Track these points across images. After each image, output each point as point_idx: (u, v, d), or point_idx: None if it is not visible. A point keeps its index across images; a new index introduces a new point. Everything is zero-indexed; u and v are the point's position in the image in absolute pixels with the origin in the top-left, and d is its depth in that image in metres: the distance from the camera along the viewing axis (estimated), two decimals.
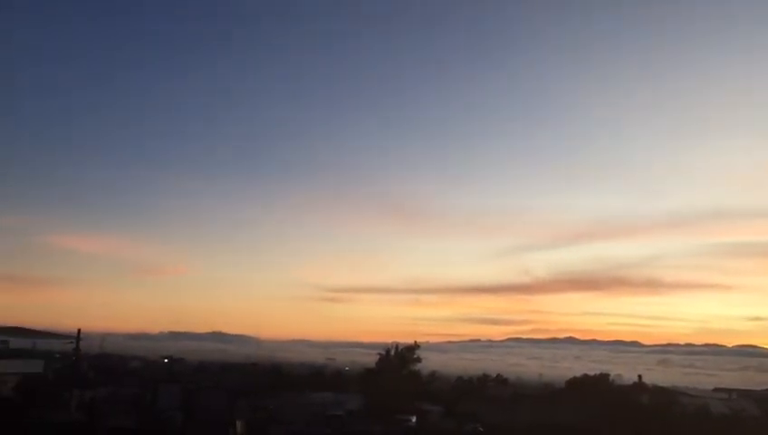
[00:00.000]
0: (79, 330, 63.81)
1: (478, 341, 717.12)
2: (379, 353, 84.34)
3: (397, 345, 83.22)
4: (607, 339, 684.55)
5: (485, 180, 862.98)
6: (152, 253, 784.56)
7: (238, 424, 52.32)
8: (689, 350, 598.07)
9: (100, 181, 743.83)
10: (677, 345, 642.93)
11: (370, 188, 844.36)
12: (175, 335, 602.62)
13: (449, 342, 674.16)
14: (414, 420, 63.36)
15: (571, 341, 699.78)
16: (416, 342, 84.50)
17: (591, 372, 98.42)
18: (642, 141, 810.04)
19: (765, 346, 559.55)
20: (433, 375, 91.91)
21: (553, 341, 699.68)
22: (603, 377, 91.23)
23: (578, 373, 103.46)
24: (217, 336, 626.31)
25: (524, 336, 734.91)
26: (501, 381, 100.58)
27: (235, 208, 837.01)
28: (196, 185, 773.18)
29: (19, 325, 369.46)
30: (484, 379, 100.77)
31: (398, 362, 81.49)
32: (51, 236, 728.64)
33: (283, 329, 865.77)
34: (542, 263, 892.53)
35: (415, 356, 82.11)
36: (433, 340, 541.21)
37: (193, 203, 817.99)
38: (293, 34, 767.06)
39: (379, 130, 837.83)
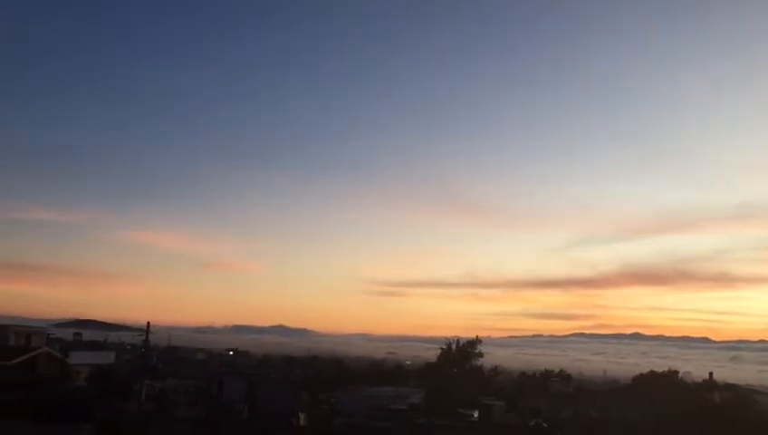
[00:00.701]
0: (148, 323, 65.47)
1: (541, 336, 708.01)
2: (440, 348, 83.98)
3: (458, 340, 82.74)
4: (674, 335, 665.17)
5: (548, 172, 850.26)
6: (218, 248, 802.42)
7: (301, 416, 52.93)
8: (763, 346, 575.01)
9: (169, 178, 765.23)
10: (750, 342, 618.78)
11: (430, 181, 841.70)
12: (238, 329, 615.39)
13: (511, 337, 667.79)
14: (476, 414, 62.87)
15: (637, 336, 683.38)
16: (477, 336, 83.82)
17: (659, 369, 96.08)
18: (711, 133, 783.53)
19: None
20: (495, 370, 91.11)
21: (619, 336, 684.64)
22: (671, 374, 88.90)
23: (644, 370, 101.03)
24: (279, 330, 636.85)
25: (588, 332, 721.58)
26: (564, 376, 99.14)
27: (297, 204, 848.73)
28: (261, 182, 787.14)
29: (92, 318, 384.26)
30: (547, 374, 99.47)
31: (459, 357, 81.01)
32: (122, 231, 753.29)
33: (343, 323, 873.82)
34: (607, 256, 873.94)
35: (476, 351, 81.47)
36: (494, 335, 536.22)
37: (258, 199, 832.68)
38: (355, 34, 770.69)
39: (438, 124, 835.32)
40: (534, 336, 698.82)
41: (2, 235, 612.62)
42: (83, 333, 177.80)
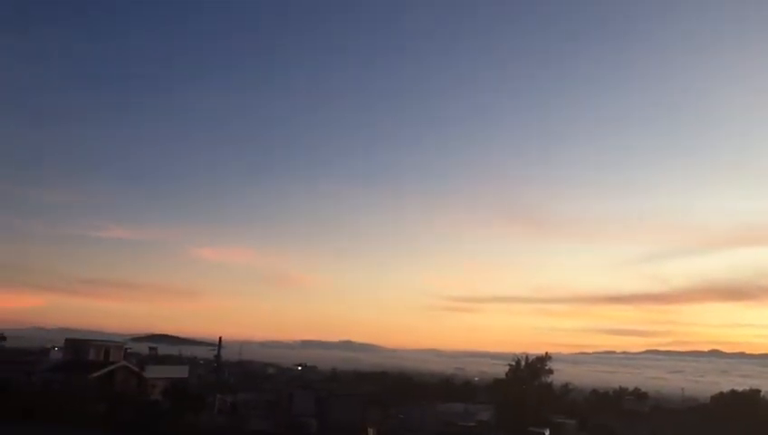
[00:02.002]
0: (220, 338, 67.15)
1: (613, 353, 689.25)
2: (509, 364, 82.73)
3: (527, 356, 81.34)
4: (756, 352, 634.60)
5: (620, 184, 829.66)
6: (287, 264, 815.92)
7: (370, 431, 52.99)
8: None
9: (239, 195, 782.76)
10: None
11: (500, 195, 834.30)
12: (307, 344, 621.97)
13: (582, 353, 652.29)
14: (547, 433, 61.62)
15: (715, 354, 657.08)
16: (547, 353, 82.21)
17: (740, 388, 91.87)
18: None
19: None
20: (566, 387, 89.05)
21: (696, 354, 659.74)
22: (753, 393, 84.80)
23: (725, 389, 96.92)
24: (347, 345, 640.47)
25: (663, 348, 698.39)
26: (639, 394, 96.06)
27: (365, 219, 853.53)
28: (330, 197, 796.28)
29: (166, 333, 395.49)
30: (620, 392, 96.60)
31: (528, 374, 79.58)
32: (194, 248, 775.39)
33: (410, 338, 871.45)
34: (682, 270, 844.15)
35: (546, 367, 79.88)
36: (565, 351, 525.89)
37: (326, 215, 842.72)
38: (417, 48, 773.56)
39: (507, 138, 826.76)
40: (606, 353, 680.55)
41: (84, 253, 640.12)
42: (158, 348, 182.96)
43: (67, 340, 75.20)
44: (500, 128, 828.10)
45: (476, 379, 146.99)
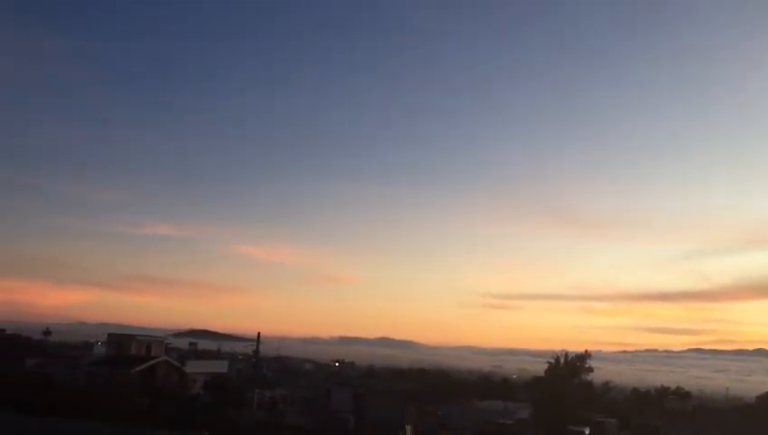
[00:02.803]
0: (259, 334, 67.72)
1: (655, 351, 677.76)
2: (548, 362, 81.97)
3: (566, 354, 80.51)
4: None
5: (662, 181, 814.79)
6: (325, 261, 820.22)
7: (408, 428, 52.83)
8: None
9: (277, 193, 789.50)
10: None
11: (538, 192, 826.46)
12: (345, 340, 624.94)
13: (623, 351, 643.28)
14: (587, 432, 60.79)
15: (761, 353, 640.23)
16: (587, 350, 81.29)
17: None
18: None
19: None
20: (606, 386, 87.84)
21: (741, 353, 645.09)
22: None
23: None
24: (385, 342, 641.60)
25: (707, 347, 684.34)
26: (682, 394, 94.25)
27: (403, 217, 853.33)
28: (367, 195, 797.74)
29: (206, 329, 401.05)
30: (663, 391, 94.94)
31: (568, 371, 78.74)
32: (234, 245, 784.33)
33: (448, 335, 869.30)
34: (726, 268, 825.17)
35: (586, 365, 78.96)
36: (605, 349, 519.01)
37: (364, 212, 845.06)
38: (457, 49, 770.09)
39: (546, 133, 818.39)
40: (648, 351, 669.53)
41: (126, 250, 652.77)
42: (198, 343, 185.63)
43: (110, 335, 76.69)
44: (539, 125, 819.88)
45: (515, 376, 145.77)
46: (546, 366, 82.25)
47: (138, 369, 57.89)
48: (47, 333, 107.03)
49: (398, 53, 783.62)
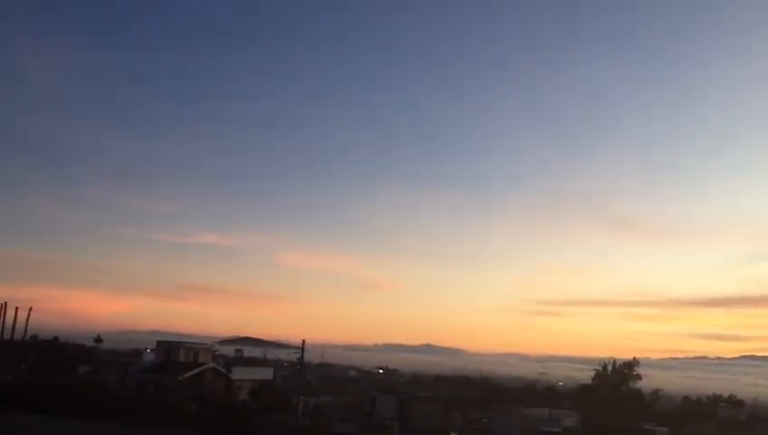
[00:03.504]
0: (303, 341, 68.28)
1: (706, 358, 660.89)
2: (595, 369, 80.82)
3: (614, 361, 79.25)
4: None
5: (713, 182, 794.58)
6: (368, 268, 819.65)
7: None
8: None
9: (319, 201, 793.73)
10: None
11: (582, 195, 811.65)
12: (388, 347, 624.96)
13: (673, 358, 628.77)
14: None
15: None
16: (635, 357, 79.88)
17: None
18: None
19: None
20: (656, 394, 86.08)
21: None
22: None
23: None
24: (428, 349, 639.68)
25: (761, 354, 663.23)
26: (735, 402, 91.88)
27: (445, 222, 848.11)
28: (408, 200, 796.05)
29: (251, 336, 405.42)
30: (714, 399, 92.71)
31: (616, 379, 77.48)
32: (279, 253, 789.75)
33: (492, 342, 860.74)
34: None
35: (634, 373, 77.59)
36: (654, 356, 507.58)
37: (405, 218, 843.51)
38: (497, 51, 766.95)
39: (590, 134, 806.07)
40: (698, 358, 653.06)
41: (174, 258, 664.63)
42: (244, 350, 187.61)
43: (159, 342, 78.27)
44: (583, 126, 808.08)
45: (561, 383, 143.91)
46: (593, 373, 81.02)
47: (186, 375, 58.98)
48: (99, 340, 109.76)
49: (429, 55, 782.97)
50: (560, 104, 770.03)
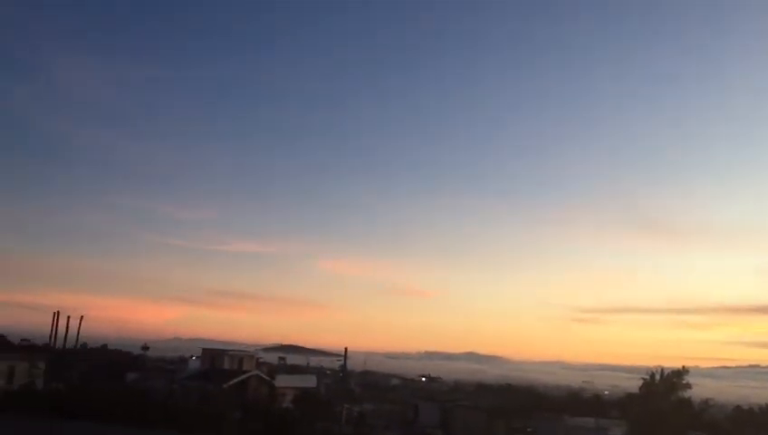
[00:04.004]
0: (346, 349, 68.56)
1: (758, 366, 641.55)
2: (642, 378, 78.95)
3: (662, 369, 77.30)
4: None
5: (757, 184, 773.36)
6: (410, 275, 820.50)
7: None
8: None
9: (360, 208, 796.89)
10: None
11: (625, 201, 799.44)
12: (431, 355, 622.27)
13: (723, 367, 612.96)
14: None
15: None
16: (683, 366, 77.79)
17: None
18: None
19: None
20: (706, 403, 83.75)
21: None
22: None
23: None
24: (471, 357, 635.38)
25: None
26: None
27: (488, 230, 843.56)
28: (450, 208, 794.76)
29: (294, 344, 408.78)
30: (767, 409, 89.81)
31: (664, 388, 75.59)
32: (319, 261, 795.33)
33: (536, 350, 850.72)
34: None
35: (683, 382, 75.56)
36: (703, 365, 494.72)
37: (448, 226, 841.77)
38: (550, 56, 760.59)
39: (633, 140, 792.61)
40: (751, 367, 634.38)
41: (217, 266, 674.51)
42: (287, 358, 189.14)
43: (204, 350, 79.38)
44: (626, 132, 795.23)
45: (606, 393, 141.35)
46: (639, 382, 79.24)
47: (230, 383, 59.59)
48: (145, 348, 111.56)
49: (476, 65, 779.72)
50: (603, 112, 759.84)
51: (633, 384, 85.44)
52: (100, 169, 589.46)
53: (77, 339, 65.32)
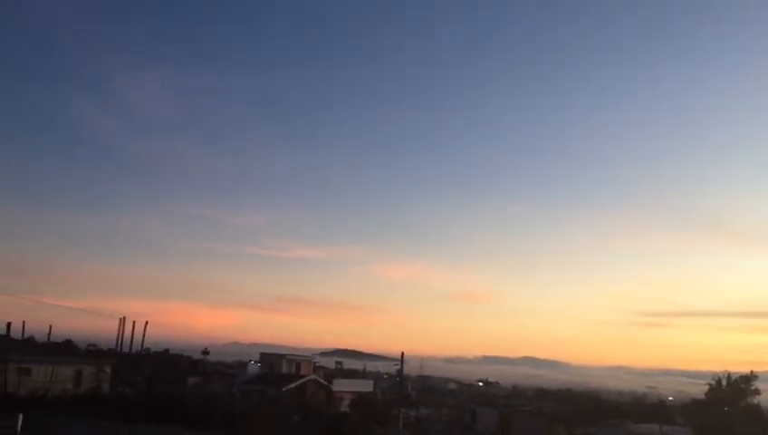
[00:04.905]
0: (402, 353, 68.12)
1: None
2: (708, 383, 76.45)
3: (729, 375, 74.71)
4: None
5: None
6: (467, 279, 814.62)
7: None
8: None
9: (415, 212, 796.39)
10: None
11: (689, 202, 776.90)
12: (488, 359, 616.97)
13: None
14: None
15: None
16: (752, 371, 75.02)
17: None
18: None
19: None
20: None
21: None
22: None
23: None
24: (529, 361, 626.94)
25: None
26: None
27: (545, 233, 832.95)
28: (507, 211, 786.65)
29: (350, 348, 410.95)
30: None
31: (732, 394, 73.03)
32: (375, 265, 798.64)
33: (597, 355, 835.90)
34: None
35: (752, 387, 72.87)
36: None
37: (504, 229, 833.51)
38: (610, 59, 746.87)
39: (698, 140, 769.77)
40: None
41: (274, 272, 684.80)
42: (343, 362, 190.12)
43: (262, 354, 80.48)
44: (691, 131, 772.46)
45: (671, 398, 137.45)
46: (706, 388, 76.76)
47: (288, 387, 60.25)
48: (206, 352, 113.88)
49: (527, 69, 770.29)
50: (664, 110, 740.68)
51: (699, 390, 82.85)
52: (160, 177, 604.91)
53: (142, 344, 67.06)
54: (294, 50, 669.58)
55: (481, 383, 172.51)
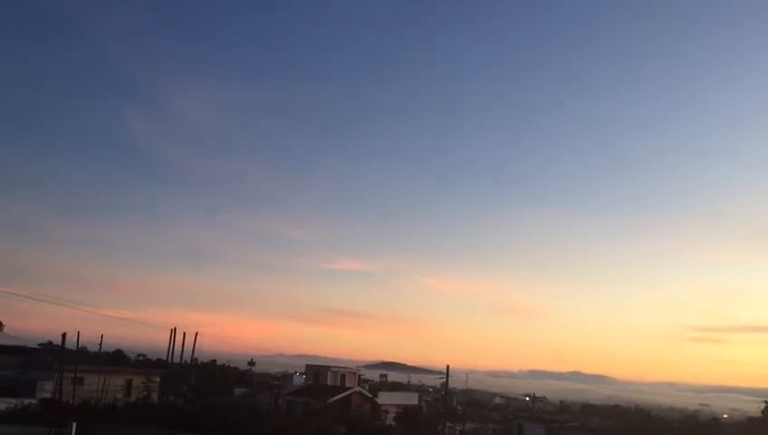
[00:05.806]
0: (448, 366, 67.83)
1: None
2: (765, 401, 74.11)
3: None
4: None
5: None
6: (513, 293, 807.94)
7: None
8: None
9: (459, 224, 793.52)
10: None
11: (745, 212, 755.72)
12: (534, 374, 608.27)
13: None
14: None
15: None
16: None
17: None
18: None
19: None
20: None
21: None
22: None
23: None
24: (577, 376, 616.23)
25: None
26: None
27: (592, 245, 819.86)
28: (553, 222, 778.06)
29: (395, 361, 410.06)
30: None
31: None
32: (422, 278, 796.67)
33: (645, 370, 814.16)
34: None
35: None
36: None
37: (550, 241, 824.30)
38: (664, 65, 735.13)
39: (751, 149, 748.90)
40: None
41: (319, 284, 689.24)
42: (388, 375, 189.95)
43: (308, 366, 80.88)
44: (744, 139, 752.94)
45: (725, 416, 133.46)
46: (762, 405, 74.38)
47: (333, 399, 60.33)
48: (252, 363, 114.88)
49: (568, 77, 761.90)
50: (718, 118, 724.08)
51: (755, 407, 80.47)
52: (212, 190, 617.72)
53: (192, 354, 67.96)
54: (338, 67, 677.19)
55: (527, 398, 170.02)
